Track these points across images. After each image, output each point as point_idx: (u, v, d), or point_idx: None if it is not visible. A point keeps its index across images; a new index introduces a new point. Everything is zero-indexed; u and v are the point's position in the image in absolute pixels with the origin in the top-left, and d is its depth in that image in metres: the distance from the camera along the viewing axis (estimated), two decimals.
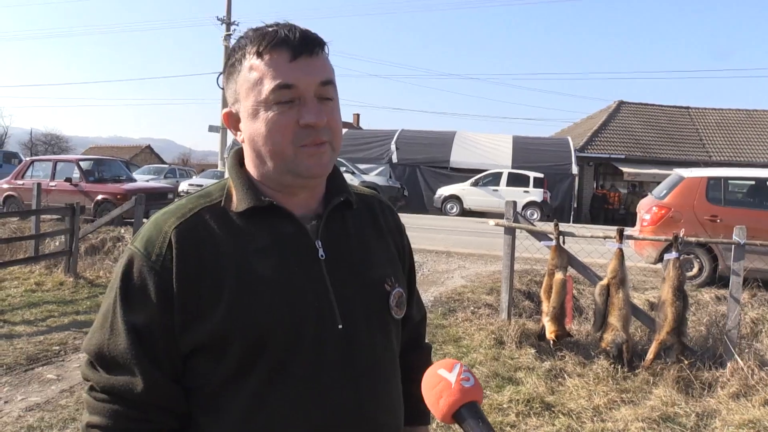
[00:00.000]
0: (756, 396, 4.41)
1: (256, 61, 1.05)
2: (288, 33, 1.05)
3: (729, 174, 8.86)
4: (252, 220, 1.07)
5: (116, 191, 12.69)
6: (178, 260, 1.01)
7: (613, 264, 4.97)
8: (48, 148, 51.21)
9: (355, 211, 1.19)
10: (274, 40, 1.04)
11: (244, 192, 1.08)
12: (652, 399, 4.38)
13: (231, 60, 1.09)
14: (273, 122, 1.03)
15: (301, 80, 1.03)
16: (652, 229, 8.21)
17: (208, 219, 1.06)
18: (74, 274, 8.04)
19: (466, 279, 8.02)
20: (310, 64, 1.05)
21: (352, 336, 1.08)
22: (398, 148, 24.13)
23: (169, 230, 1.03)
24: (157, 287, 1.00)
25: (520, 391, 4.35)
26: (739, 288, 4.96)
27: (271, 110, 1.03)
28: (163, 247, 1.02)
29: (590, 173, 26.00)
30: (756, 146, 26.03)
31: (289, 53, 1.04)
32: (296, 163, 1.05)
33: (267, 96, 1.03)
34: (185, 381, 1.04)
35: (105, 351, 1.01)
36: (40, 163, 14.59)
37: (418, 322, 1.40)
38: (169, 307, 1.00)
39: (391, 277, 1.17)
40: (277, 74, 1.03)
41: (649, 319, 5.26)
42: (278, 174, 1.08)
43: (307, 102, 1.04)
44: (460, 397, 0.90)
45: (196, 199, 1.10)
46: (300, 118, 1.03)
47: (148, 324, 1.01)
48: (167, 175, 26.54)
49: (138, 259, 1.03)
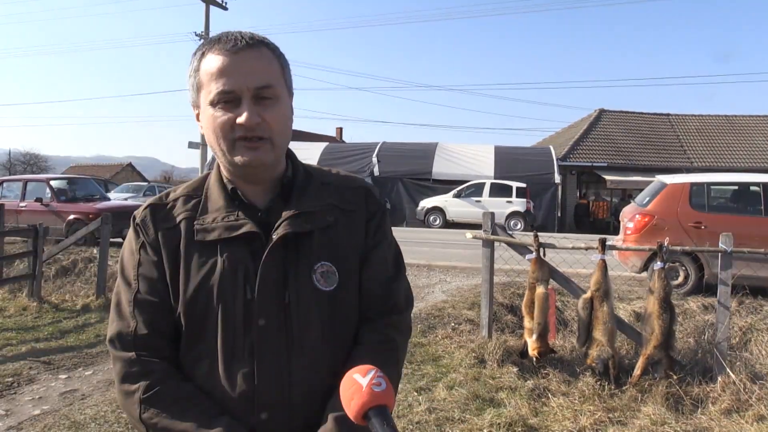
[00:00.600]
0: (749, 411, 4.20)
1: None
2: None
3: (712, 179, 8.71)
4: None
5: (88, 210, 12.30)
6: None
7: (596, 276, 4.75)
8: (27, 168, 50.55)
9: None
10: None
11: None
12: (640, 418, 4.15)
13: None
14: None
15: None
16: (635, 238, 8.03)
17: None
18: (38, 299, 7.69)
19: (446, 293, 7.76)
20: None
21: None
22: (380, 161, 23.94)
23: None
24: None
25: (502, 413, 4.10)
26: (727, 297, 4.76)
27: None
28: None
29: (573, 182, 25.98)
30: (736, 151, 26.20)
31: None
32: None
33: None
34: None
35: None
36: (9, 183, 14.18)
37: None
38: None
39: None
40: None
41: (636, 333, 5.03)
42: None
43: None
44: (369, 399, 0.98)
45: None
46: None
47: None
48: (146, 193, 26.08)
49: None
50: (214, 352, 1.21)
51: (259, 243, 1.23)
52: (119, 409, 4.22)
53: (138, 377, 1.20)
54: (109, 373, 5.18)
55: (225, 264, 1.22)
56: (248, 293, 1.21)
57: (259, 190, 1.29)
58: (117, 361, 1.23)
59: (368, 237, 1.35)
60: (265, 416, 1.20)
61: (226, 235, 1.23)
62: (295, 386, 1.21)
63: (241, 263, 1.22)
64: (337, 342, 1.27)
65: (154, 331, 1.23)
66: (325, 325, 1.25)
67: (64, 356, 5.64)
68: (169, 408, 1.17)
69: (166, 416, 1.17)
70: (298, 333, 1.22)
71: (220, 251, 1.23)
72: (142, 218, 1.30)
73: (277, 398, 1.21)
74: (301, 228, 1.25)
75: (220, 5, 28.30)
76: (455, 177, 22.72)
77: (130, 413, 1.21)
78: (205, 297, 1.22)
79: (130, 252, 1.29)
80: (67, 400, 4.51)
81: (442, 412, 4.15)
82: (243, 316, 1.21)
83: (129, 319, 1.24)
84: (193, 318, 1.22)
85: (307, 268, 1.25)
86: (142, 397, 1.18)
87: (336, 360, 1.25)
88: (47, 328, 6.65)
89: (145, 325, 1.23)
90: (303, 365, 1.22)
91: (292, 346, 1.22)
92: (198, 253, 1.24)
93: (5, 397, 4.62)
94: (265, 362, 1.20)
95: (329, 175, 1.39)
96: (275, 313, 1.22)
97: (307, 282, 1.24)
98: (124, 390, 1.21)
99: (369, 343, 1.30)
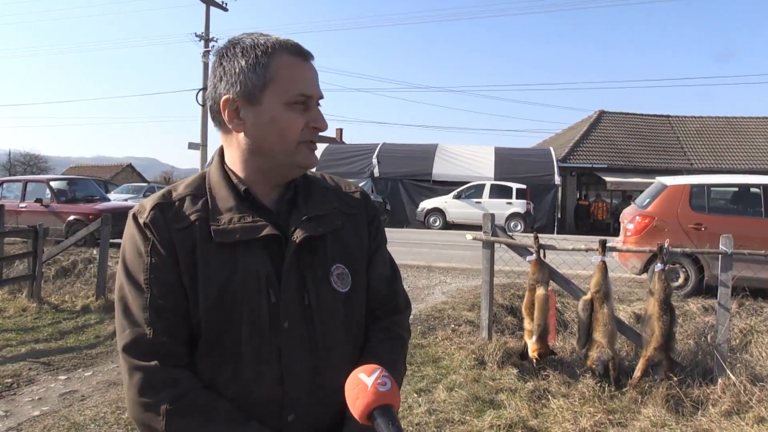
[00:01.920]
0: (749, 413, 4.19)
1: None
2: (295, 44, 1.25)
3: (712, 181, 8.70)
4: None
5: (88, 211, 12.28)
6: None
7: (597, 278, 4.75)
8: (27, 168, 50.52)
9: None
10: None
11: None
12: (641, 419, 4.14)
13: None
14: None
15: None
16: (635, 239, 8.01)
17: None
18: (38, 299, 7.68)
19: (446, 295, 7.75)
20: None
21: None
22: (380, 162, 23.93)
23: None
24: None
25: (502, 415, 4.09)
26: (727, 299, 4.75)
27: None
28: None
29: (573, 183, 25.97)
30: (736, 153, 26.19)
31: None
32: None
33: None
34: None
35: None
36: (9, 184, 14.17)
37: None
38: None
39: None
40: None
41: (636, 335, 5.02)
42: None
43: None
44: (374, 399, 0.98)
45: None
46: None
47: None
48: (146, 194, 26.09)
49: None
50: (238, 357, 1.18)
51: (277, 246, 1.22)
52: (119, 411, 4.22)
53: (161, 388, 1.14)
54: (109, 374, 5.18)
55: (248, 267, 1.20)
56: (272, 296, 1.20)
57: (274, 193, 1.30)
58: (135, 371, 1.15)
59: (371, 239, 1.37)
60: (292, 418, 1.20)
61: (246, 237, 1.20)
62: (321, 387, 1.22)
63: (262, 266, 1.21)
64: (355, 342, 1.30)
65: (173, 337, 1.17)
66: (345, 325, 1.27)
67: (64, 357, 5.64)
68: (196, 418, 1.13)
69: (195, 427, 1.13)
70: (321, 334, 1.23)
71: (240, 253, 1.20)
72: (151, 218, 1.21)
73: (304, 399, 1.21)
74: (315, 231, 1.25)
75: (220, 6, 28.30)
76: (455, 178, 22.73)
77: (151, 426, 1.14)
78: (228, 300, 1.18)
79: (136, 254, 1.20)
80: (67, 401, 4.50)
81: (442, 413, 4.14)
82: (269, 319, 1.19)
83: (144, 325, 1.17)
84: (215, 322, 1.18)
85: (325, 270, 1.26)
86: (169, 408, 1.12)
87: (356, 359, 1.26)
88: (47, 329, 6.65)
89: (164, 331, 1.16)
90: (328, 366, 1.23)
91: (317, 347, 1.22)
92: (216, 254, 1.20)
93: (5, 398, 4.62)
94: (292, 364, 1.20)
95: (325, 181, 1.41)
96: (298, 315, 1.22)
97: (325, 284, 1.25)
98: (143, 402, 1.14)
99: (381, 341, 1.34)
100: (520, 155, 25.02)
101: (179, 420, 1.12)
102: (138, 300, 1.18)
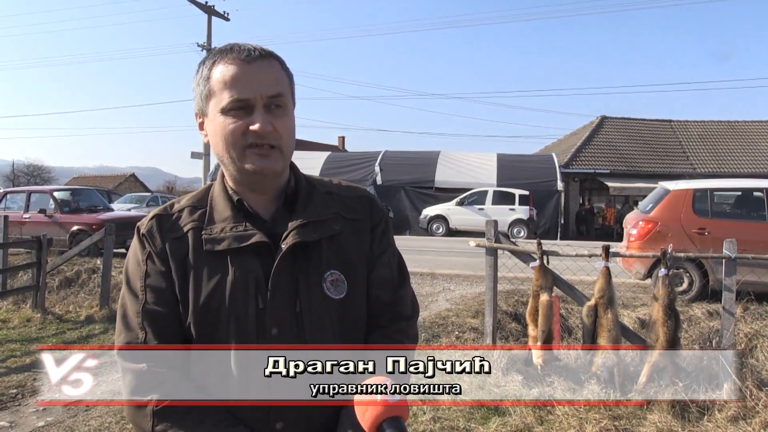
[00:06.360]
0: (756, 418, 4.17)
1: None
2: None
3: (715, 185, 8.70)
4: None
5: (92, 221, 12.32)
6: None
7: (600, 283, 4.73)
8: (30, 179, 50.65)
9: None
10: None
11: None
12: (646, 425, 4.13)
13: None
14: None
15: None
16: (639, 245, 8.01)
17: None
18: (42, 310, 7.69)
19: (450, 302, 7.75)
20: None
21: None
22: (382, 170, 23.94)
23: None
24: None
25: (507, 422, 4.09)
26: (732, 304, 4.75)
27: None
28: None
29: (576, 189, 25.95)
30: (739, 157, 26.15)
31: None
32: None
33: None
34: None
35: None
36: (13, 194, 14.22)
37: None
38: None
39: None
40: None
41: (640, 340, 5.01)
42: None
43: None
44: (384, 410, 0.98)
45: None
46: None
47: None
48: (149, 203, 26.12)
49: None
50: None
51: (268, 253, 1.24)
52: (123, 420, 4.22)
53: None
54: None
55: (235, 274, 1.22)
56: (260, 302, 1.21)
57: (264, 201, 1.30)
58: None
59: (374, 244, 1.36)
60: (280, 426, 1.20)
61: (235, 245, 1.23)
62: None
63: (251, 273, 1.22)
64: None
65: (164, 341, 1.22)
66: (337, 333, 1.26)
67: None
68: (183, 420, 1.16)
69: (181, 429, 1.15)
70: (311, 341, 1.23)
71: (230, 261, 1.23)
72: (148, 228, 1.28)
73: (292, 408, 1.20)
74: (309, 237, 1.25)
75: (222, 16, 28.46)
76: (458, 185, 22.70)
77: (141, 427, 1.18)
78: (216, 306, 1.21)
79: (135, 262, 1.27)
80: (72, 412, 4.50)
81: (447, 421, 4.13)
82: (255, 325, 1.21)
83: (137, 330, 1.22)
84: (204, 328, 1.22)
85: (317, 276, 1.26)
86: (155, 410, 1.16)
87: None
88: (51, 339, 6.65)
89: (155, 335, 1.21)
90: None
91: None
92: (207, 263, 1.24)
93: (9, 408, 4.62)
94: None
95: (331, 185, 1.40)
96: (288, 321, 1.22)
97: (317, 290, 1.25)
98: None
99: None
100: (522, 161, 25.01)
101: (166, 422, 1.16)
102: (134, 305, 1.24)
